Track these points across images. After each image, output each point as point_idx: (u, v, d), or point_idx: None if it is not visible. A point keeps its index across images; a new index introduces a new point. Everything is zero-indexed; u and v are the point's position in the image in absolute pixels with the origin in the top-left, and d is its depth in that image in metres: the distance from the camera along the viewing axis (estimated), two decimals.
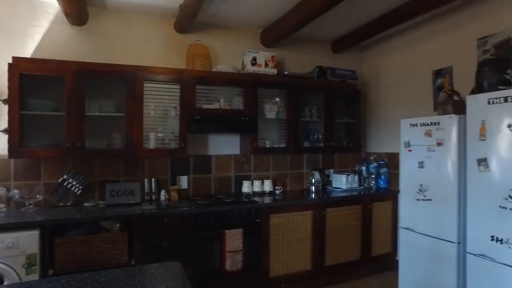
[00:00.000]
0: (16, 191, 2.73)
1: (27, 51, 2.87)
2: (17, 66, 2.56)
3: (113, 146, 2.92)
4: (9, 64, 2.54)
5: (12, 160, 2.77)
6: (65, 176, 2.89)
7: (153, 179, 3.16)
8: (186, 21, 3.16)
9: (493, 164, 2.09)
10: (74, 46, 3.03)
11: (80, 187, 2.91)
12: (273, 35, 3.60)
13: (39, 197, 2.80)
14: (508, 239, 1.97)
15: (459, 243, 2.36)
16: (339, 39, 4.06)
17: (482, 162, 2.15)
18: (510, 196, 1.96)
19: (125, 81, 2.87)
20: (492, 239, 2.06)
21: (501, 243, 2.01)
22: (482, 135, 2.15)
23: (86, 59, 2.91)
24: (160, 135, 3.02)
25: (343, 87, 3.90)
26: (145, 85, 2.92)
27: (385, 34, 3.77)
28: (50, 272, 2.37)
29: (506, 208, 1.98)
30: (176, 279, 1.30)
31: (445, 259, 2.43)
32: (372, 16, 3.41)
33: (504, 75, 2.16)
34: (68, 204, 2.88)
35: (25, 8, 2.88)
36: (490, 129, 2.11)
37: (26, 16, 2.88)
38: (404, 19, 3.23)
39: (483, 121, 2.15)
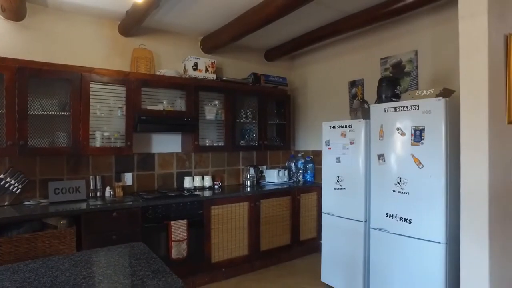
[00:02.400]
0: None
1: None
2: None
3: (57, 144, 2.94)
4: None
5: None
6: (1, 175, 2.84)
7: (97, 176, 3.24)
8: (132, 26, 3.28)
9: (388, 158, 2.69)
10: (9, 42, 2.94)
11: (19, 186, 2.88)
12: (212, 43, 3.88)
13: None
14: (396, 214, 2.59)
15: (365, 221, 2.92)
16: (271, 49, 4.50)
17: (381, 156, 2.74)
18: (398, 182, 2.58)
19: (71, 82, 2.91)
20: (387, 216, 2.67)
21: (392, 218, 2.63)
22: (381, 136, 2.75)
23: (23, 56, 2.87)
24: (106, 134, 3.11)
25: (275, 92, 4.33)
26: (91, 85, 3.00)
27: (311, 47, 4.30)
28: None
29: (395, 191, 2.60)
30: (143, 254, 1.56)
31: (356, 235, 2.98)
32: (299, 33, 3.91)
33: (395, 90, 2.81)
34: (5, 204, 2.84)
35: None
36: (386, 131, 2.70)
37: None
38: (326, 37, 3.77)
39: (382, 125, 2.74)
